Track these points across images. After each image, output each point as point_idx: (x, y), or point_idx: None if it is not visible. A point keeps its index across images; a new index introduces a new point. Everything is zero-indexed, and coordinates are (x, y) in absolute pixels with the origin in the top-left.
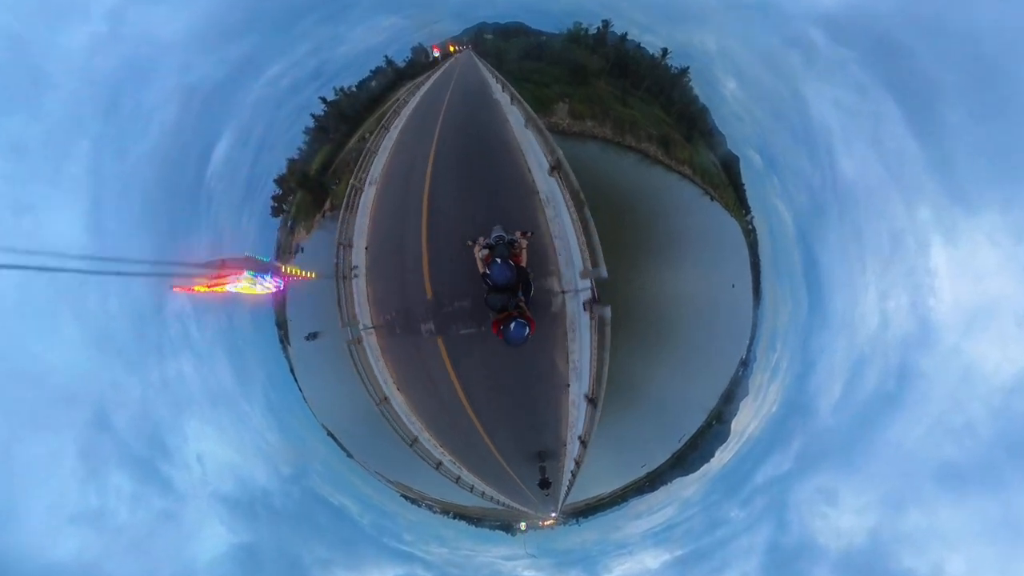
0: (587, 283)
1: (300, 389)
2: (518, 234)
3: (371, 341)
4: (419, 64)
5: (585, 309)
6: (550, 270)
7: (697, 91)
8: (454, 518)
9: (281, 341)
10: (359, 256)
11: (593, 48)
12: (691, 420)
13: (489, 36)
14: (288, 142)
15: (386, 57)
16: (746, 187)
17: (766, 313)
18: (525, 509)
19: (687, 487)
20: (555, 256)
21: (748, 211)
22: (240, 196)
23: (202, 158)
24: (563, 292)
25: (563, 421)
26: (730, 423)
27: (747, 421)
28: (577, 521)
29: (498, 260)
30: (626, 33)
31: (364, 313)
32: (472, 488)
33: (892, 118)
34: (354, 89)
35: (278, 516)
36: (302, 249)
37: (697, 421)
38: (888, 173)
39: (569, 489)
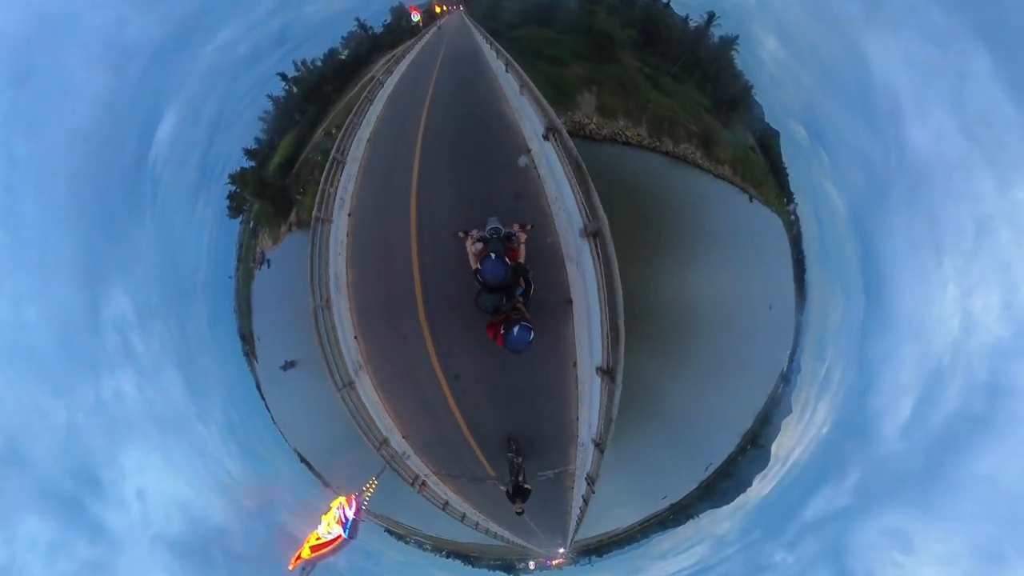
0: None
1: (268, 408)
2: (516, 227)
3: (363, 379)
4: (399, 29)
5: (583, 236)
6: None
7: (740, 64)
8: (448, 556)
9: (246, 355)
10: (339, 291)
11: (617, 9)
12: (721, 444)
13: None
14: (249, 122)
15: (358, 20)
16: (788, 169)
17: (812, 316)
18: (529, 545)
19: (720, 522)
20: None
21: (790, 199)
22: (192, 183)
23: (143, 136)
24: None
25: (572, 438)
26: (769, 447)
27: (791, 444)
28: (590, 560)
29: (492, 255)
30: None
31: (350, 349)
32: (463, 517)
33: (980, 75)
34: (319, 63)
35: (237, 560)
36: (268, 262)
37: (728, 445)
38: (973, 144)
39: (579, 523)
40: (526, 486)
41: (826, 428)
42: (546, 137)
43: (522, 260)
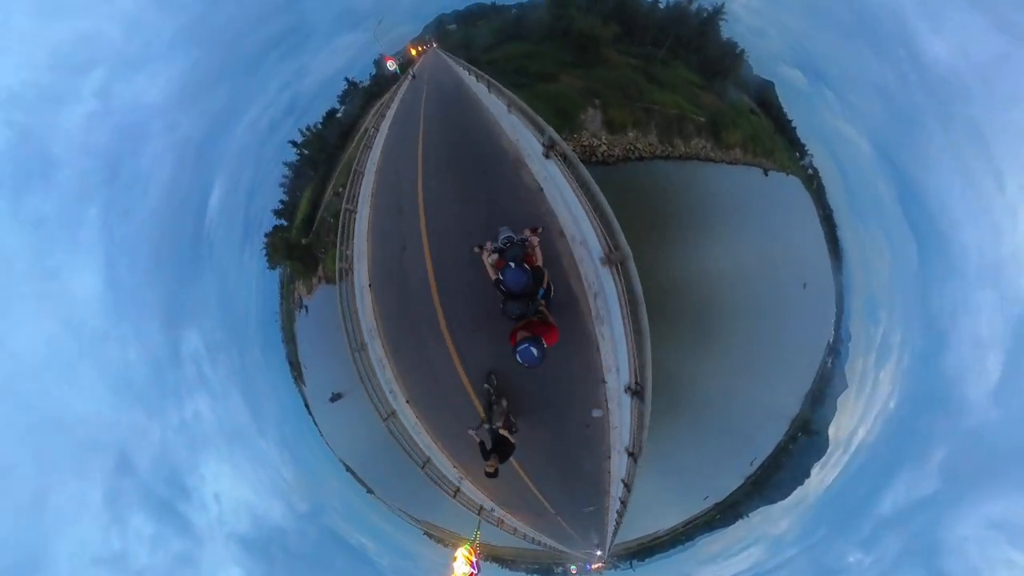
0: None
1: (316, 424)
2: (527, 232)
3: (403, 407)
4: (384, 79)
5: (604, 266)
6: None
7: (728, 32)
8: (485, 560)
9: (294, 379)
10: (369, 325)
11: (587, 7)
12: (767, 434)
13: (452, 27)
14: (275, 181)
15: (347, 79)
16: (793, 121)
17: (855, 275)
18: (567, 550)
19: (776, 520)
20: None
21: (803, 152)
22: (239, 239)
23: (199, 209)
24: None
25: (602, 442)
26: (825, 431)
27: (851, 425)
28: (631, 564)
29: (511, 264)
30: None
31: (390, 382)
32: (500, 523)
33: None
34: (320, 126)
35: (293, 558)
36: (306, 309)
37: (775, 434)
38: (1009, 35)
39: (617, 526)
40: (509, 438)
41: (893, 401)
42: (547, 155)
43: (539, 263)
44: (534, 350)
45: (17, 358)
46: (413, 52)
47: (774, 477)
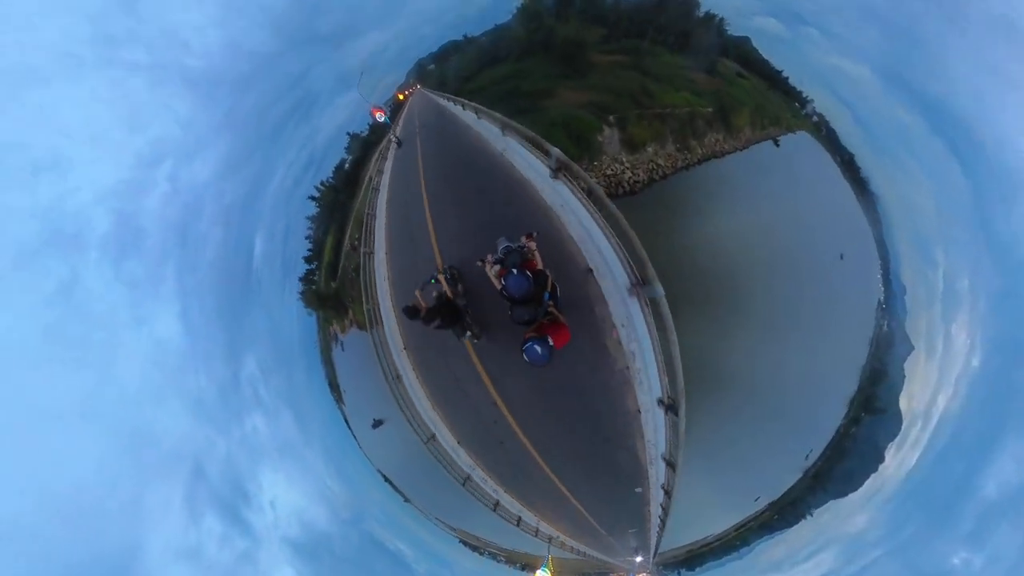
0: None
1: (355, 438)
2: (524, 239)
3: (443, 432)
4: (380, 125)
5: (631, 295)
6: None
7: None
8: (522, 569)
9: (335, 399)
10: (400, 358)
11: (559, 12)
12: (823, 420)
13: (431, 67)
14: (303, 227)
15: (348, 134)
16: (784, 71)
17: (893, 218)
18: (607, 558)
19: (849, 516)
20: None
21: (803, 101)
22: (280, 278)
23: (247, 257)
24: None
25: (636, 438)
26: (895, 405)
27: (926, 393)
28: (679, 574)
29: (513, 271)
30: None
31: (425, 407)
32: (536, 532)
33: None
34: (331, 179)
35: (339, 561)
36: (342, 345)
37: (833, 417)
38: None
39: (660, 533)
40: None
41: (976, 358)
42: (555, 176)
43: (540, 267)
44: (538, 348)
45: (120, 387)
46: (400, 97)
47: (838, 467)
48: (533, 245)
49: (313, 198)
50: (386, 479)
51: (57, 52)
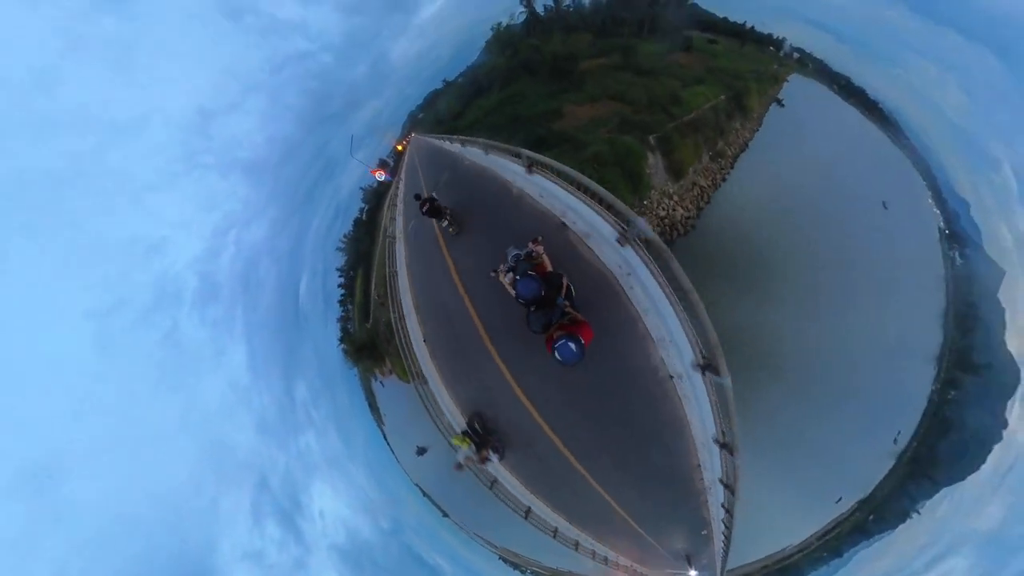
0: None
1: (394, 454)
2: (531, 244)
3: (498, 466)
4: (384, 182)
5: (695, 371)
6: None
7: None
8: None
9: (375, 420)
10: (443, 397)
11: (529, 31)
12: (908, 390)
13: (421, 115)
14: (337, 262)
15: (362, 189)
16: (746, 22)
17: (922, 127)
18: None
19: (974, 508)
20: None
21: (777, 44)
22: (322, 311)
23: (294, 296)
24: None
25: (689, 449)
26: (1001, 352)
27: None
28: None
29: (519, 276)
30: None
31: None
32: (576, 545)
33: None
34: (351, 231)
35: (380, 570)
36: (383, 384)
37: (920, 386)
38: None
39: (727, 545)
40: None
41: None
42: (624, 240)
43: (550, 268)
44: (572, 345)
45: (202, 408)
46: (399, 148)
47: (941, 445)
48: (540, 249)
49: (339, 247)
50: (425, 494)
51: (160, 168)
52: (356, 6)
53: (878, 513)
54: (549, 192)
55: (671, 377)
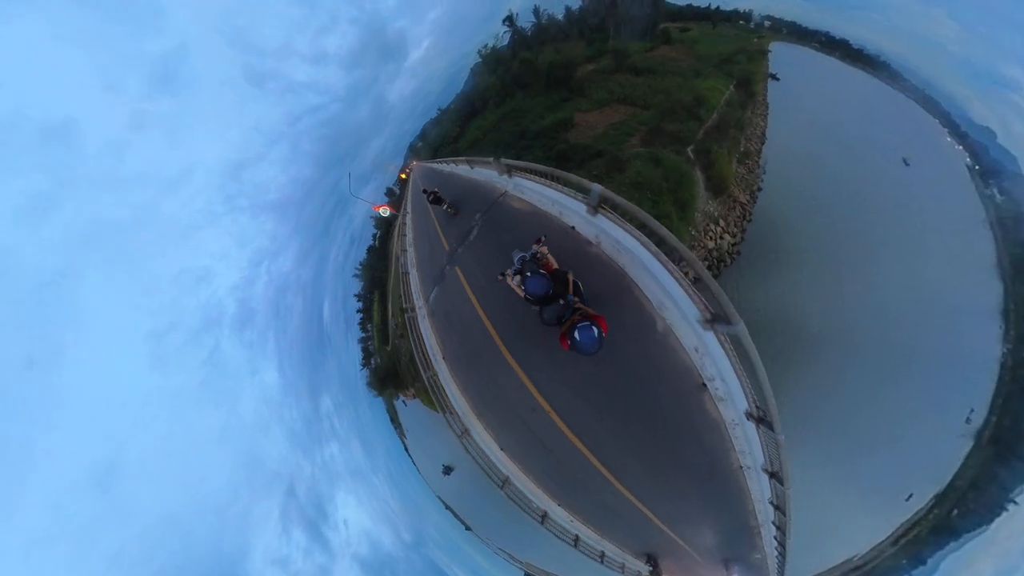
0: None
1: (416, 466)
2: (534, 245)
3: (518, 477)
4: (396, 198)
5: (706, 329)
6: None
7: None
8: None
9: (397, 433)
10: (468, 419)
11: (515, 48)
12: (972, 356)
13: (419, 144)
14: (354, 287)
15: (372, 218)
16: (708, 3)
17: (919, 65)
18: None
19: None
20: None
21: (746, 16)
22: (343, 331)
23: (319, 318)
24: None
25: (729, 451)
26: None
27: None
28: None
29: (528, 274)
30: (539, 8)
31: (501, 461)
32: (623, 568)
33: None
34: (364, 258)
35: None
36: (404, 402)
37: (989, 350)
38: None
39: (783, 559)
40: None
41: None
42: (710, 324)
43: (556, 267)
44: (595, 329)
45: (240, 420)
46: (403, 176)
47: None
48: (545, 249)
49: (356, 274)
50: (447, 507)
51: (203, 211)
52: (355, 61)
53: (962, 507)
54: (615, 240)
55: (703, 385)
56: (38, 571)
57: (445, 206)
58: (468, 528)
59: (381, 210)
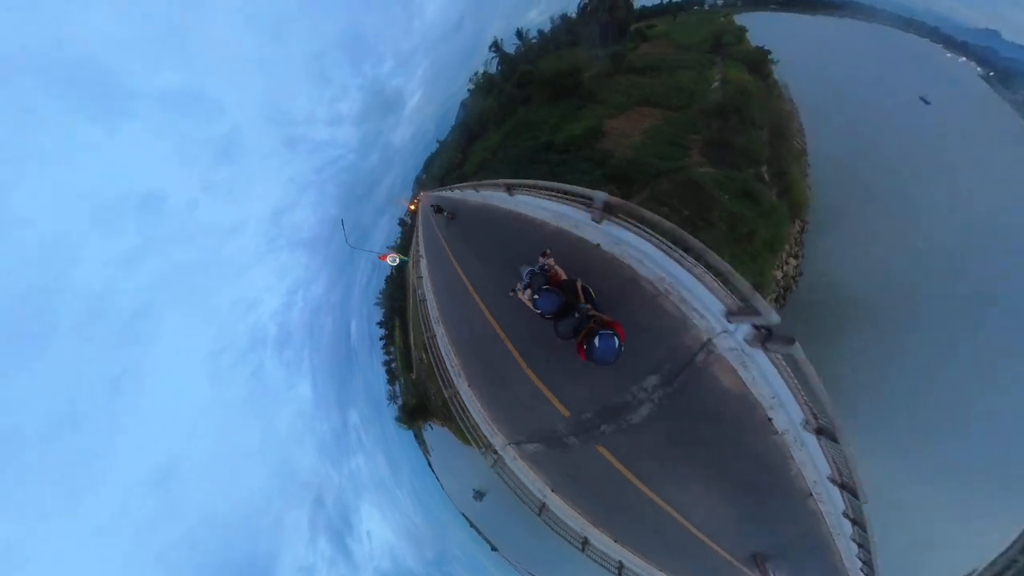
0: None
1: (439, 481)
2: (541, 259)
3: (554, 500)
4: (406, 225)
5: (756, 346)
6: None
7: None
8: None
9: (421, 452)
10: (505, 451)
11: (505, 71)
12: None
13: (423, 176)
14: (377, 308)
15: (388, 248)
16: None
17: None
18: None
19: None
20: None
21: (702, 1)
22: (368, 349)
23: (346, 338)
24: (706, 340)
25: (796, 473)
26: None
27: None
28: None
29: (536, 295)
30: (522, 29)
31: (532, 482)
32: None
33: None
34: (384, 287)
35: None
36: (431, 426)
37: None
38: None
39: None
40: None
41: None
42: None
43: (564, 277)
44: (615, 339)
45: (277, 433)
46: (412, 208)
47: None
48: (551, 261)
49: (376, 303)
50: (471, 525)
51: (251, 252)
52: (363, 118)
53: None
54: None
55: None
56: (98, 559)
57: (445, 213)
58: (494, 548)
59: (388, 259)
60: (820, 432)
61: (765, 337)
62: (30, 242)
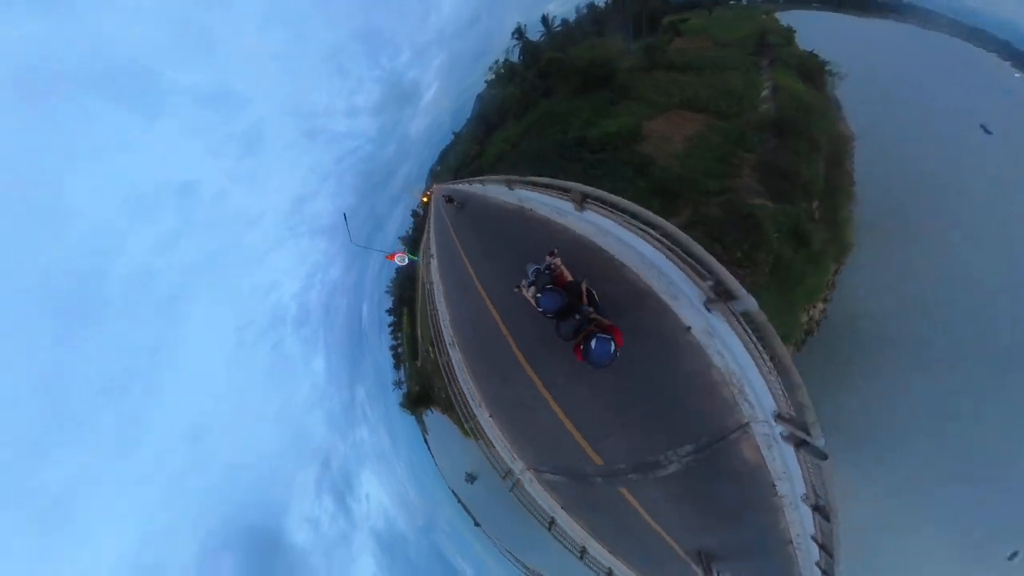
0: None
1: (433, 458)
2: (548, 258)
3: (562, 516)
4: (419, 217)
5: (789, 443)
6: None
7: None
8: None
9: (419, 430)
10: (514, 463)
11: (532, 59)
12: None
13: (438, 168)
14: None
15: (399, 238)
16: None
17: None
18: None
19: None
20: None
21: None
22: (377, 331)
23: (358, 318)
24: (746, 423)
25: (784, 527)
26: None
27: None
28: None
29: (539, 294)
30: (547, 15)
31: (545, 500)
32: None
33: None
34: (394, 276)
35: (409, 565)
36: (432, 411)
37: None
38: None
39: None
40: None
41: None
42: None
43: (570, 278)
44: (610, 344)
45: (294, 403)
46: (424, 200)
47: None
48: (558, 261)
49: (387, 291)
50: (459, 501)
51: (273, 238)
52: (380, 109)
53: None
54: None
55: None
56: (135, 505)
57: (454, 202)
58: (477, 524)
59: (397, 258)
60: (816, 509)
61: (800, 442)
62: (82, 232)
